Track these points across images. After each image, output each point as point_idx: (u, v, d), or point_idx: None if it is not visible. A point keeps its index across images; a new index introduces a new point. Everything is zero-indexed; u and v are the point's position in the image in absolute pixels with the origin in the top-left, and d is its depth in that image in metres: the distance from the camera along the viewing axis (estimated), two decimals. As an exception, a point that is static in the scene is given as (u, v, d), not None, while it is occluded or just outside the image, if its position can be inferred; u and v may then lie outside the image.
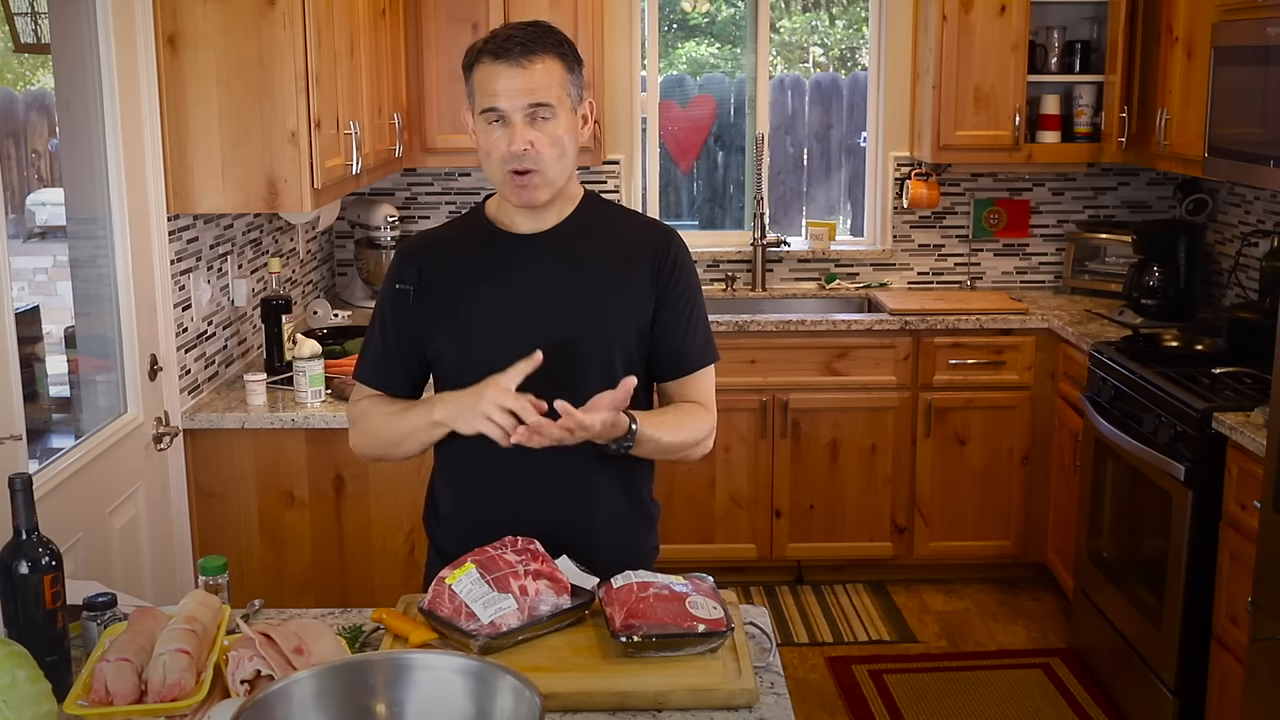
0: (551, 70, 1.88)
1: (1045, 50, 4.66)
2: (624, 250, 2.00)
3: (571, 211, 2.01)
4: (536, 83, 1.86)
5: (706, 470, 4.40)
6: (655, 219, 2.23)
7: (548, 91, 1.87)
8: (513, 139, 1.86)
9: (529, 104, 1.86)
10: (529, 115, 1.86)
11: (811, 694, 3.78)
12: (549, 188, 1.92)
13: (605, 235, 2.02)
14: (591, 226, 2.01)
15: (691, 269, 2.05)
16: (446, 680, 1.45)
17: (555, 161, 1.90)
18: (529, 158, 1.87)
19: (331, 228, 4.75)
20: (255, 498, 3.22)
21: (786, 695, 1.69)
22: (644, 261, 1.99)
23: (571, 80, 1.91)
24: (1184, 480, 3.19)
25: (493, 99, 1.86)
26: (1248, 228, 4.27)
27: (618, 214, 2.12)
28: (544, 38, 1.89)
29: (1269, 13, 3.29)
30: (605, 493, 2.00)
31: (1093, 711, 3.66)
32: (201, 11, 3.01)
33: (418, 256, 2.04)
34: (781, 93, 5.34)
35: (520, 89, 1.85)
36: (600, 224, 2.03)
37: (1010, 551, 4.50)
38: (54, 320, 2.99)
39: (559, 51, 1.90)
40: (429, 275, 2.00)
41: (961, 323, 4.36)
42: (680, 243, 2.05)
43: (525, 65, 1.85)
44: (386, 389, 2.05)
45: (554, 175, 1.92)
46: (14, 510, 1.66)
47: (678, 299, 2.00)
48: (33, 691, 1.50)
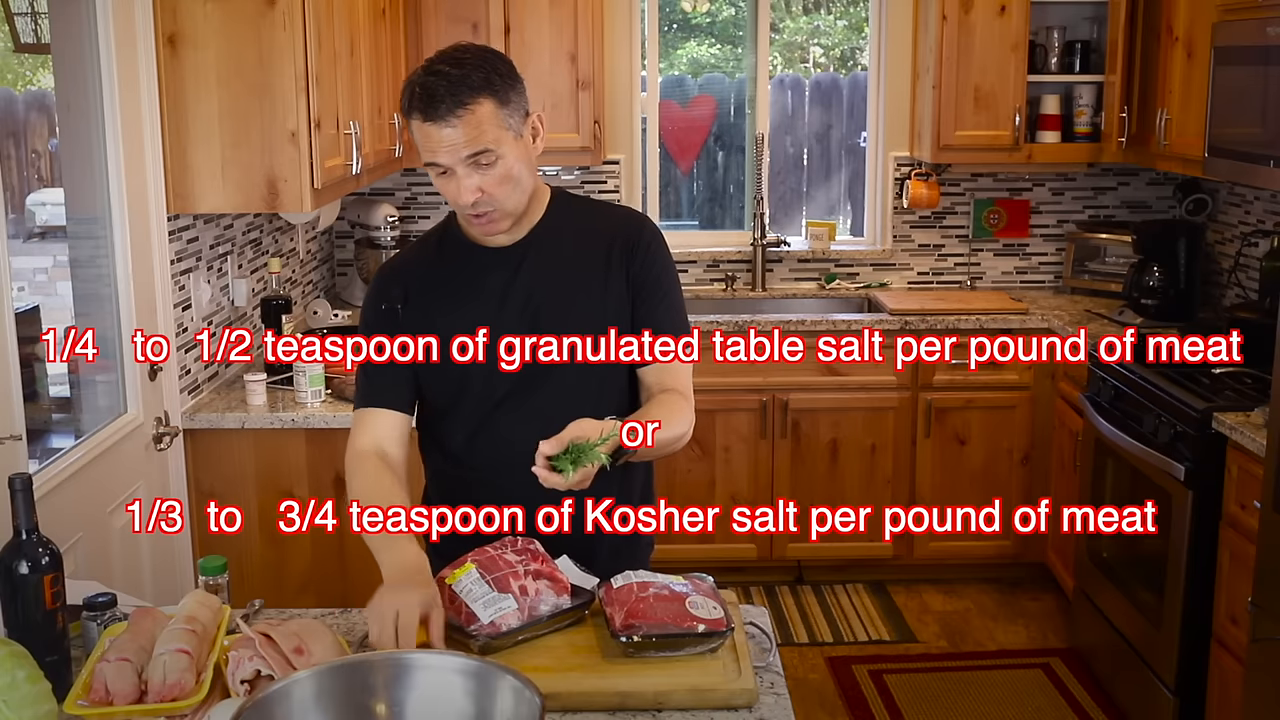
0: (483, 115, 1.83)
1: (1045, 50, 4.66)
2: (599, 245, 2.00)
3: (542, 216, 2.01)
4: (469, 134, 1.82)
5: (706, 470, 4.41)
6: (630, 209, 2.21)
7: (483, 138, 1.83)
8: (459, 192, 1.86)
9: (467, 155, 1.83)
10: (470, 164, 1.84)
11: (811, 694, 3.78)
12: (508, 218, 1.93)
13: (579, 234, 2.02)
14: (564, 227, 2.01)
15: (665, 255, 2.04)
16: (446, 680, 1.45)
17: (510, 196, 1.89)
18: (482, 202, 1.87)
19: (331, 228, 4.75)
20: (255, 498, 3.22)
21: (786, 695, 1.69)
22: (618, 253, 2.00)
23: (507, 113, 1.86)
24: (1184, 480, 3.19)
25: (433, 155, 1.85)
26: (1248, 228, 4.27)
27: (589, 209, 2.10)
28: (469, 79, 1.82)
29: (1269, 13, 3.29)
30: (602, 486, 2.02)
31: (1093, 711, 3.66)
32: (201, 11, 3.01)
33: (401, 275, 2.05)
34: (781, 93, 5.34)
35: (456, 144, 1.82)
36: (572, 222, 2.02)
37: (1010, 551, 4.50)
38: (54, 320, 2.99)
39: (488, 90, 1.84)
40: (416, 293, 2.01)
41: (961, 323, 4.36)
42: (653, 229, 2.04)
43: (454, 122, 1.81)
44: (390, 405, 2.03)
45: (512, 207, 1.91)
46: (14, 510, 1.66)
47: (653, 286, 2.00)
48: (33, 691, 1.50)
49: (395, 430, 2.03)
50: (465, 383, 1.98)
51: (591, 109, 4.41)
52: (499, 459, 2.00)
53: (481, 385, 1.97)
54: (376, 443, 2.01)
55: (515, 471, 1.92)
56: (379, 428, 2.02)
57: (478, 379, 1.97)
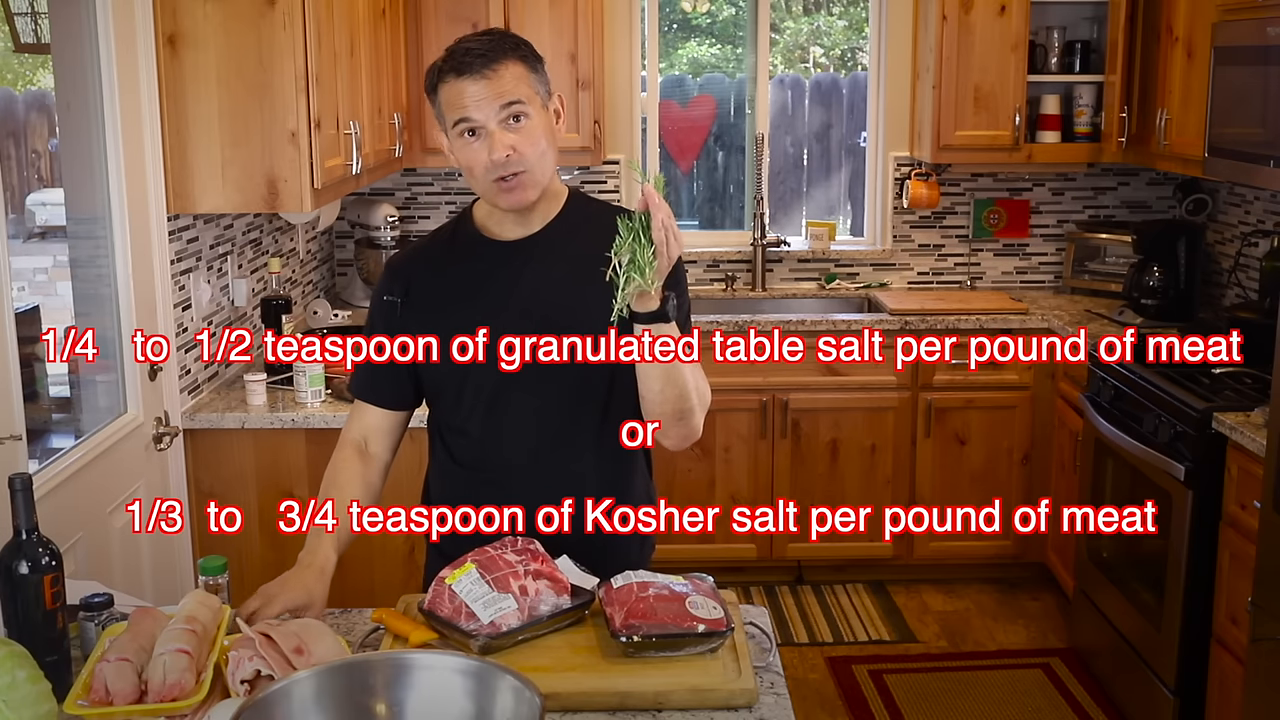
0: (516, 73, 1.87)
1: (1045, 50, 4.66)
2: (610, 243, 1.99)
3: (558, 212, 2.01)
4: (504, 87, 1.85)
5: (706, 470, 4.41)
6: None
7: (517, 90, 1.87)
8: (493, 147, 1.86)
9: (501, 107, 1.85)
10: (503, 120, 1.86)
11: (811, 694, 3.78)
12: (536, 186, 1.92)
13: (593, 233, 2.00)
14: (578, 225, 2.01)
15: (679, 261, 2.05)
16: (446, 680, 1.45)
17: (539, 159, 1.90)
18: (513, 161, 1.87)
19: (331, 228, 4.75)
20: (255, 498, 3.22)
21: (786, 695, 1.69)
22: None
23: (537, 79, 1.91)
24: (1184, 480, 3.19)
25: (463, 111, 1.86)
26: (1248, 228, 4.27)
27: (603, 210, 2.10)
28: (501, 44, 1.88)
29: (1269, 13, 3.29)
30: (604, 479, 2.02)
31: (1093, 711, 3.66)
32: (201, 11, 3.01)
33: (405, 269, 2.06)
34: (781, 93, 5.34)
35: (489, 96, 1.85)
36: (587, 222, 2.02)
37: (1010, 551, 4.50)
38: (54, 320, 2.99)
39: (519, 54, 1.89)
40: (418, 287, 2.01)
41: (961, 323, 4.36)
42: None
43: (489, 75, 1.85)
44: (376, 401, 2.07)
45: (540, 173, 1.92)
46: (14, 510, 1.65)
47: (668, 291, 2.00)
48: (33, 691, 1.50)
49: (383, 425, 2.08)
50: (465, 379, 1.98)
51: (591, 109, 4.41)
52: (500, 456, 2.00)
53: (482, 382, 1.97)
54: (362, 434, 2.08)
55: (513, 472, 1.93)
56: (367, 421, 2.08)
57: (477, 376, 1.97)
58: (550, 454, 1.98)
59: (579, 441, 1.99)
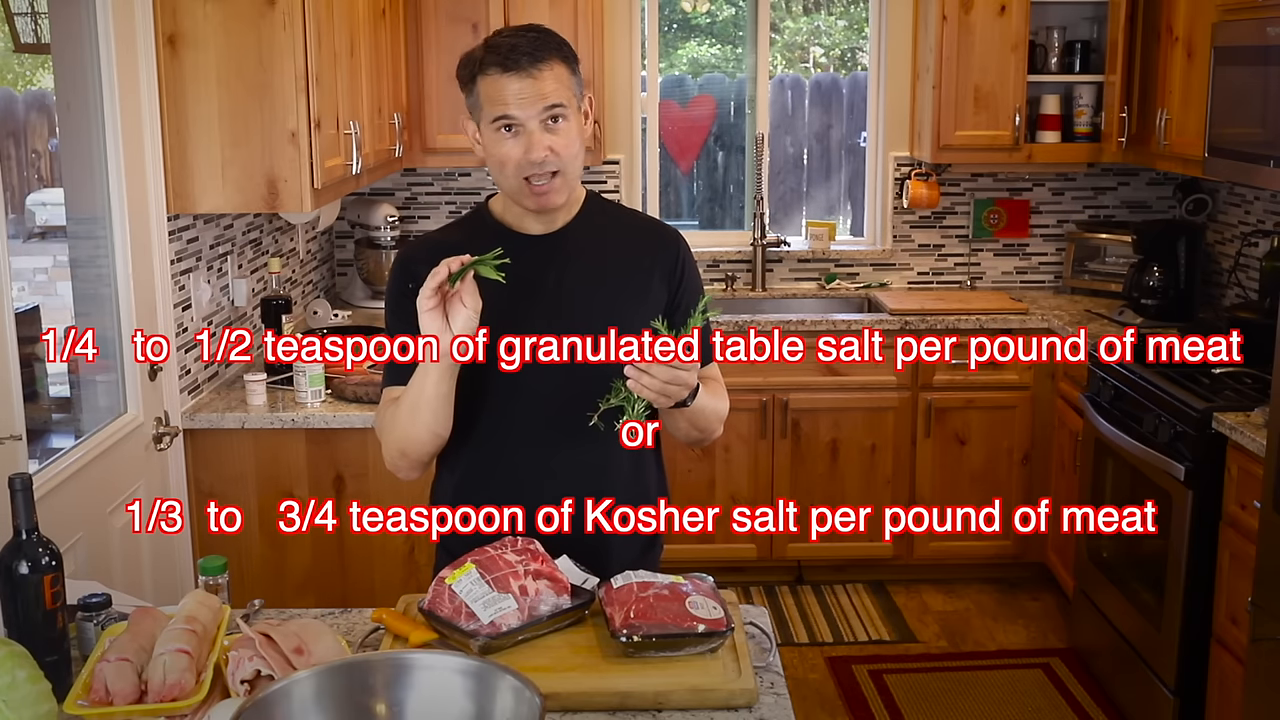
0: (560, 75, 1.88)
1: (1045, 50, 4.66)
2: (635, 248, 2.04)
3: (579, 211, 2.03)
4: (548, 88, 1.86)
5: (706, 470, 4.41)
6: (656, 218, 2.26)
7: (559, 93, 1.87)
8: (531, 147, 1.86)
9: (544, 108, 1.86)
10: (544, 121, 1.87)
11: (811, 694, 3.78)
12: (568, 189, 1.93)
13: (614, 233, 2.05)
14: (599, 225, 2.03)
15: (696, 269, 2.12)
16: (446, 680, 1.45)
17: (573, 160, 1.91)
18: (550, 161, 1.87)
19: (331, 228, 4.75)
20: (255, 498, 3.22)
21: (786, 695, 1.69)
22: (656, 261, 2.03)
23: (576, 81, 1.93)
24: (1184, 480, 3.19)
25: (505, 108, 1.86)
26: (1248, 228, 4.27)
27: (620, 212, 2.15)
28: (546, 42, 1.89)
29: (1269, 13, 3.29)
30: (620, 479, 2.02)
31: (1093, 711, 3.66)
32: (201, 11, 3.01)
33: (423, 260, 2.02)
34: (781, 93, 5.34)
35: (533, 96, 1.85)
36: (606, 223, 2.05)
37: (1010, 551, 4.50)
38: (54, 320, 2.99)
39: (562, 55, 1.90)
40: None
41: (961, 323, 4.36)
42: (686, 244, 2.10)
43: (535, 74, 1.85)
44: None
45: (572, 175, 1.93)
46: (14, 510, 1.65)
47: (693, 300, 2.02)
48: (33, 691, 1.50)
49: None
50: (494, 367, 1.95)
51: (591, 109, 4.40)
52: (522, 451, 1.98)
53: (499, 377, 1.95)
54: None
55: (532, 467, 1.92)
56: None
57: (493, 370, 1.95)
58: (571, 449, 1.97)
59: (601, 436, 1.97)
